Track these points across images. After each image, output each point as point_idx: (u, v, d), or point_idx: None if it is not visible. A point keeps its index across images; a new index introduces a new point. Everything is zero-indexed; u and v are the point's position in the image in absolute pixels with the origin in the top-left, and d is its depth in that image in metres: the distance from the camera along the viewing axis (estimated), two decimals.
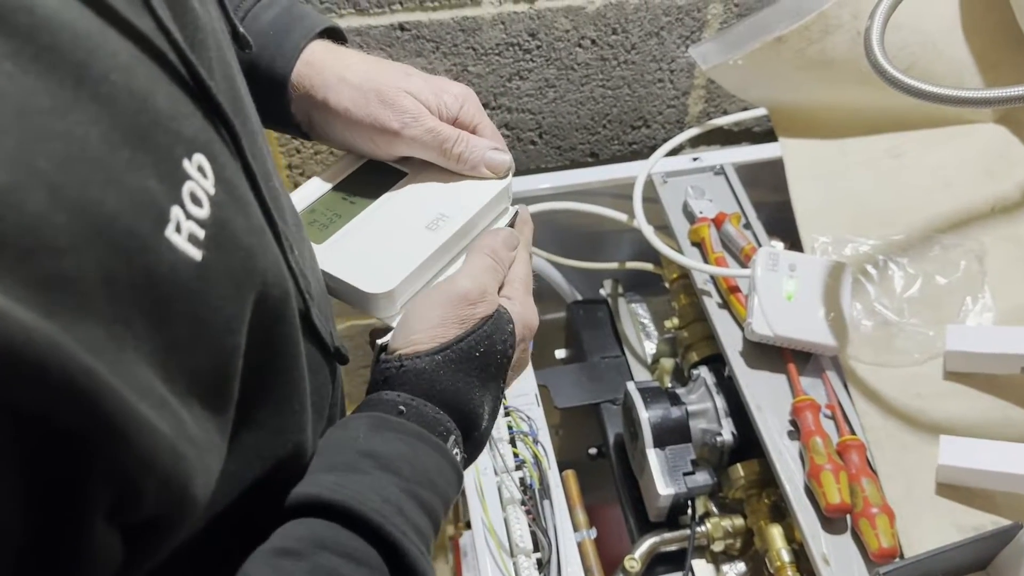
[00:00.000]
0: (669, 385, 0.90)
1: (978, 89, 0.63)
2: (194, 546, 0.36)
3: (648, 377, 0.98)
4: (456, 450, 0.47)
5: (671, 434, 0.81)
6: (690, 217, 0.92)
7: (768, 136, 1.03)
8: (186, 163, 0.30)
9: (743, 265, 0.86)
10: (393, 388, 0.46)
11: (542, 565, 0.73)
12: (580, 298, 1.05)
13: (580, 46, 0.97)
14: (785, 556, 0.74)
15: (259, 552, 0.39)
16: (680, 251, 0.89)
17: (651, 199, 0.94)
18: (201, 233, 0.30)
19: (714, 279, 0.86)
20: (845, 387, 0.78)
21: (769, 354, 0.80)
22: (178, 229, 0.28)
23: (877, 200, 0.89)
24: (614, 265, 1.01)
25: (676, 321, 0.92)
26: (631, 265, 1.00)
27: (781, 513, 0.77)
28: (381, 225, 0.56)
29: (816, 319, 0.78)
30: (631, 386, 0.84)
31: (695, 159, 0.97)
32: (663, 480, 0.79)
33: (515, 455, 0.79)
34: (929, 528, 0.69)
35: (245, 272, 0.33)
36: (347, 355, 0.48)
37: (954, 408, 0.75)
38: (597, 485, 0.89)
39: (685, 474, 0.79)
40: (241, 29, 0.43)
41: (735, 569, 0.81)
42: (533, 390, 0.85)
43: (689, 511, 0.80)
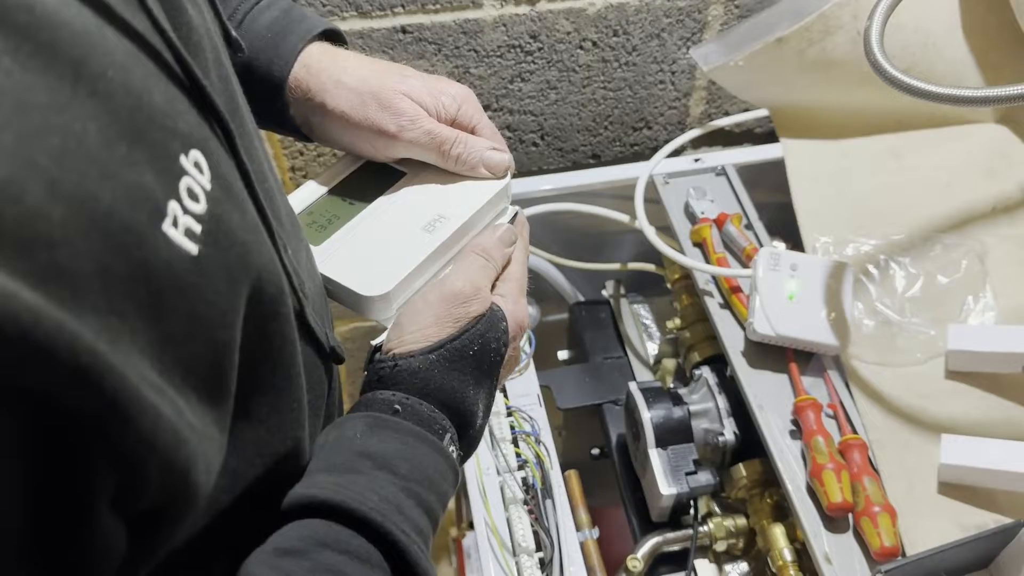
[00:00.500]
0: (671, 385, 0.90)
1: (978, 88, 0.63)
2: (194, 546, 0.36)
3: (650, 377, 0.98)
4: (452, 448, 0.47)
5: (673, 434, 0.81)
6: (692, 218, 0.92)
7: (769, 137, 1.03)
8: (183, 159, 0.30)
9: (745, 265, 0.86)
10: (388, 387, 0.47)
11: (544, 565, 0.73)
12: (582, 299, 1.05)
13: (581, 48, 0.97)
14: (787, 555, 0.74)
15: (259, 552, 0.39)
16: (682, 252, 0.89)
17: (653, 200, 0.95)
18: (198, 228, 0.30)
19: (716, 279, 0.86)
20: (847, 386, 0.78)
21: (771, 354, 0.80)
22: (175, 224, 0.29)
23: (878, 200, 0.89)
24: (616, 266, 1.01)
25: (678, 321, 0.92)
26: (633, 266, 1.00)
27: (783, 513, 0.77)
28: (378, 227, 0.56)
29: (818, 319, 0.78)
30: (633, 386, 0.84)
31: (696, 160, 0.98)
32: (665, 480, 0.79)
33: (518, 455, 0.79)
34: (931, 527, 0.68)
35: (240, 267, 0.33)
36: (343, 355, 0.48)
37: (956, 407, 0.75)
38: (599, 485, 0.89)
39: (687, 474, 0.79)
40: (234, 33, 0.43)
41: (738, 569, 0.81)
42: (536, 391, 0.86)
43: (691, 511, 0.80)
